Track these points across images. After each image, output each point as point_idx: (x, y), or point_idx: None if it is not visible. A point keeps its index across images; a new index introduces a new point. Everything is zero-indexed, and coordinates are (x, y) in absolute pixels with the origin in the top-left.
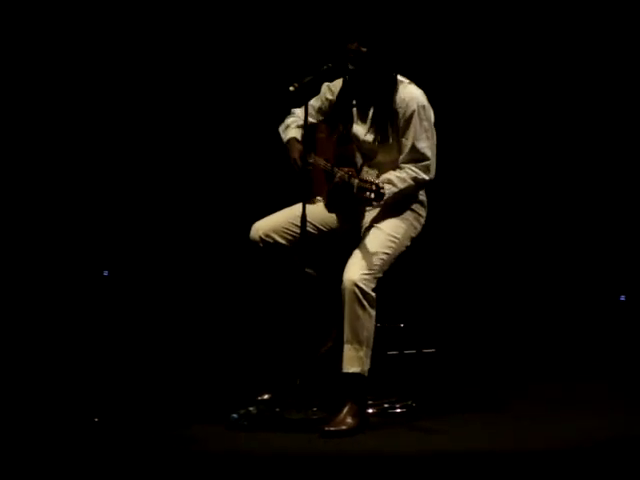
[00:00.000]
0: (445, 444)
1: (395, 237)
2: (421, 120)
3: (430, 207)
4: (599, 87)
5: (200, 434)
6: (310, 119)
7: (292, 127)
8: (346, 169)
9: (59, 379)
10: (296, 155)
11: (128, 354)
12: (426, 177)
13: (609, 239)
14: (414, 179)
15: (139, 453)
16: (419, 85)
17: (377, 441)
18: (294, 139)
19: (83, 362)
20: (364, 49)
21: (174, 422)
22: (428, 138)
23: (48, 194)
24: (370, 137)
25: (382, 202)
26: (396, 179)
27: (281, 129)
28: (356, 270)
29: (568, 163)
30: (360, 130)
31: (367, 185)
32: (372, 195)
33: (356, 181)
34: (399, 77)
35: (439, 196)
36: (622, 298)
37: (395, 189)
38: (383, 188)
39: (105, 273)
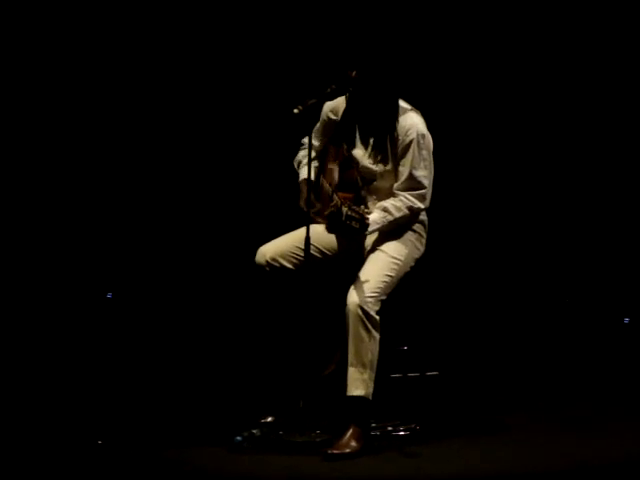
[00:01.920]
0: (449, 468)
1: (398, 259)
2: (420, 149)
3: (432, 229)
4: (598, 95)
5: (203, 457)
6: (316, 144)
7: (303, 163)
8: (342, 195)
9: (63, 401)
10: (302, 203)
11: (132, 376)
12: (421, 206)
13: (614, 261)
14: (409, 208)
15: (142, 475)
16: (419, 107)
17: (380, 464)
18: (304, 181)
19: (87, 384)
20: (364, 76)
21: (177, 444)
22: (426, 167)
23: (52, 216)
24: (369, 161)
25: (373, 224)
26: (392, 208)
27: (295, 165)
28: (360, 293)
29: (570, 185)
30: (360, 153)
31: (355, 215)
32: (357, 225)
33: (345, 209)
34: (401, 103)
35: (442, 218)
36: (626, 320)
37: (390, 217)
38: (368, 219)
39: (109, 295)
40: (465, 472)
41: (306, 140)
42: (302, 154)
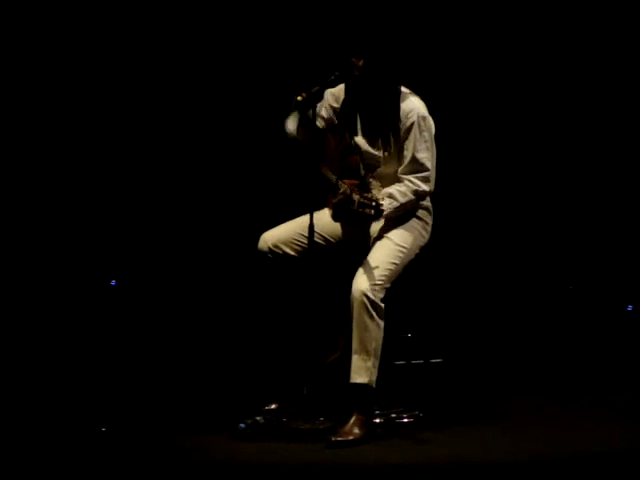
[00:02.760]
0: (452, 455)
1: (404, 247)
2: (421, 131)
3: (437, 217)
4: (599, 97)
5: (207, 444)
6: (318, 125)
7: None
8: (348, 182)
9: (66, 389)
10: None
11: (136, 363)
12: (426, 189)
13: (617, 249)
14: (414, 192)
15: (146, 462)
16: (420, 93)
17: (384, 451)
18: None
19: (90, 371)
20: (367, 63)
21: (181, 432)
22: (428, 149)
23: (56, 204)
24: (372, 147)
25: (382, 218)
26: (397, 193)
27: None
28: (365, 280)
29: (575, 174)
30: (362, 141)
31: (367, 202)
32: (372, 212)
33: (357, 197)
34: (401, 88)
35: (446, 206)
36: (629, 308)
37: (396, 203)
38: (382, 205)
39: (113, 283)
40: (468, 459)
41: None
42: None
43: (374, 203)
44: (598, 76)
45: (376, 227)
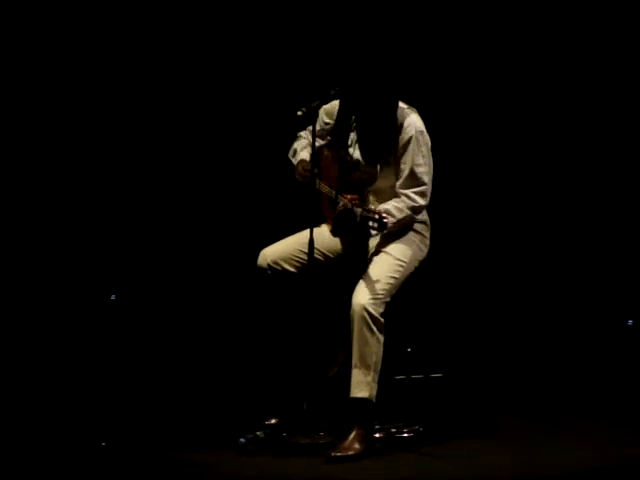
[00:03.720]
0: (453, 469)
1: (403, 261)
2: (419, 145)
3: (436, 231)
4: (600, 101)
5: (207, 458)
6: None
7: (300, 150)
8: (349, 196)
9: (67, 402)
10: (300, 169)
11: (136, 378)
12: (423, 203)
13: (617, 263)
14: (411, 208)
15: (145, 477)
16: (418, 107)
17: (384, 466)
18: (303, 160)
19: (91, 385)
20: (363, 79)
21: (182, 447)
22: (425, 164)
23: (56, 217)
24: (369, 162)
25: (384, 232)
26: (394, 209)
27: (290, 154)
28: (365, 295)
29: (574, 188)
30: (359, 154)
31: (370, 214)
32: (375, 224)
33: (359, 210)
34: (399, 103)
35: (445, 220)
36: (630, 323)
37: (393, 219)
38: (387, 218)
39: (112, 297)
40: (468, 474)
41: (302, 133)
42: (298, 143)
43: (377, 216)
44: (598, 85)
45: (374, 242)
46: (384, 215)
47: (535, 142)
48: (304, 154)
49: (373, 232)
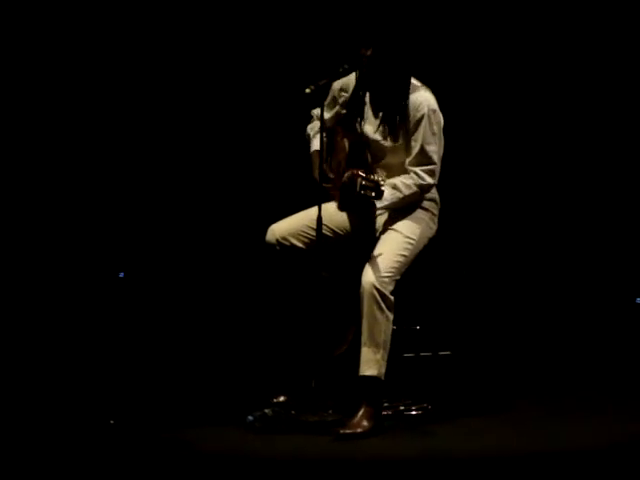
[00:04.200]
0: (461, 447)
1: (412, 239)
2: (431, 124)
3: (445, 209)
4: (602, 99)
5: (216, 436)
6: (327, 116)
7: (312, 137)
8: (356, 171)
9: (74, 381)
10: (315, 174)
11: (144, 356)
12: (431, 182)
13: (624, 241)
14: (419, 186)
15: (154, 455)
16: (430, 85)
17: (392, 444)
18: (316, 152)
19: (98, 364)
20: (378, 53)
21: (190, 424)
22: (436, 143)
23: (64, 197)
24: (380, 137)
25: (383, 201)
26: (401, 185)
27: (307, 135)
28: (374, 273)
29: (581, 165)
30: (370, 129)
31: (369, 184)
32: (372, 193)
33: (359, 180)
34: (412, 80)
35: (454, 198)
36: (638, 300)
37: (400, 194)
38: (383, 186)
39: (121, 275)
40: (476, 451)
41: (316, 111)
42: (312, 126)
43: (374, 184)
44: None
45: (383, 220)
46: (381, 183)
47: (552, 123)
48: (316, 143)
49: (373, 201)
